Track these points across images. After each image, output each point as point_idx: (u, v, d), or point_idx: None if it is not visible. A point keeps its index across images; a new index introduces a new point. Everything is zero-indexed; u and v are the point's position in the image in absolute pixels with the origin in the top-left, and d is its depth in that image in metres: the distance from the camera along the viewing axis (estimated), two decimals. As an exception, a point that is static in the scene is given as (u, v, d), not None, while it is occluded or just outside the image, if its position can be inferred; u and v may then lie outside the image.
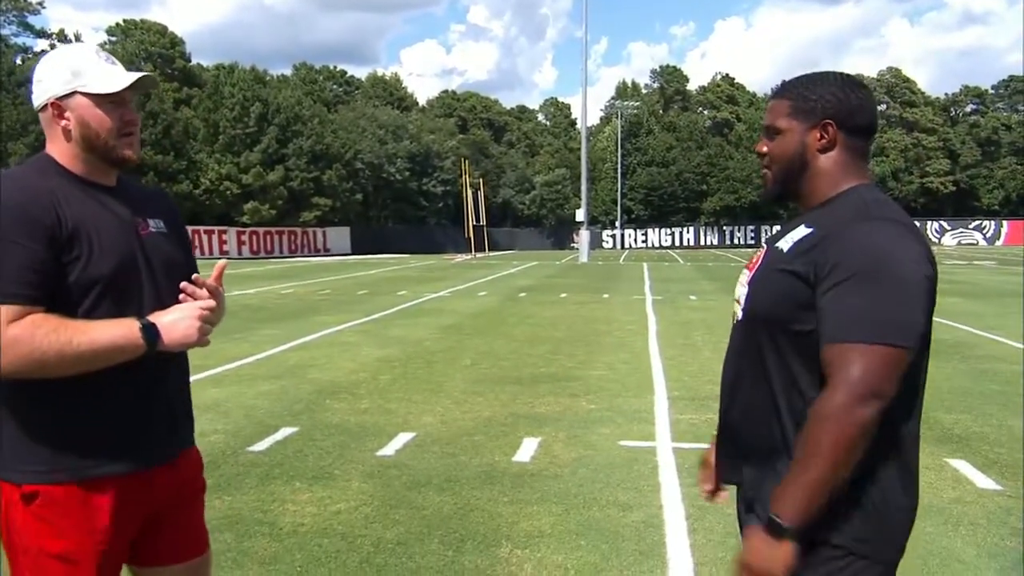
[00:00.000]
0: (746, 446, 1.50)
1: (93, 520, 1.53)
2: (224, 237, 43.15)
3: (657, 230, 58.62)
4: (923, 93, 67.36)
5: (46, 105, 1.56)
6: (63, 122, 1.55)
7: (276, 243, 44.64)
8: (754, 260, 1.56)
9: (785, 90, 1.51)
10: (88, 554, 1.53)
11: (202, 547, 1.81)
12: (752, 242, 56.92)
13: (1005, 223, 55.42)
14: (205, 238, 42.18)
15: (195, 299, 1.58)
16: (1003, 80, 67.75)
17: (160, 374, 1.62)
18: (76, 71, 1.55)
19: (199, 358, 8.21)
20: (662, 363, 7.55)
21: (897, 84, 66.57)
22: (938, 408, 5.57)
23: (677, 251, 50.45)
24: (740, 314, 1.53)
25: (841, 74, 1.50)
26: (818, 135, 1.46)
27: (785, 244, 1.45)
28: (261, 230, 44.06)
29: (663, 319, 11.23)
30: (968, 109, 67.36)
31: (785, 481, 1.32)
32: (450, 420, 5.34)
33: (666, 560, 3.15)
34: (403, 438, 4.86)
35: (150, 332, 1.46)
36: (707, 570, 3.05)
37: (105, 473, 1.54)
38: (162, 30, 57.73)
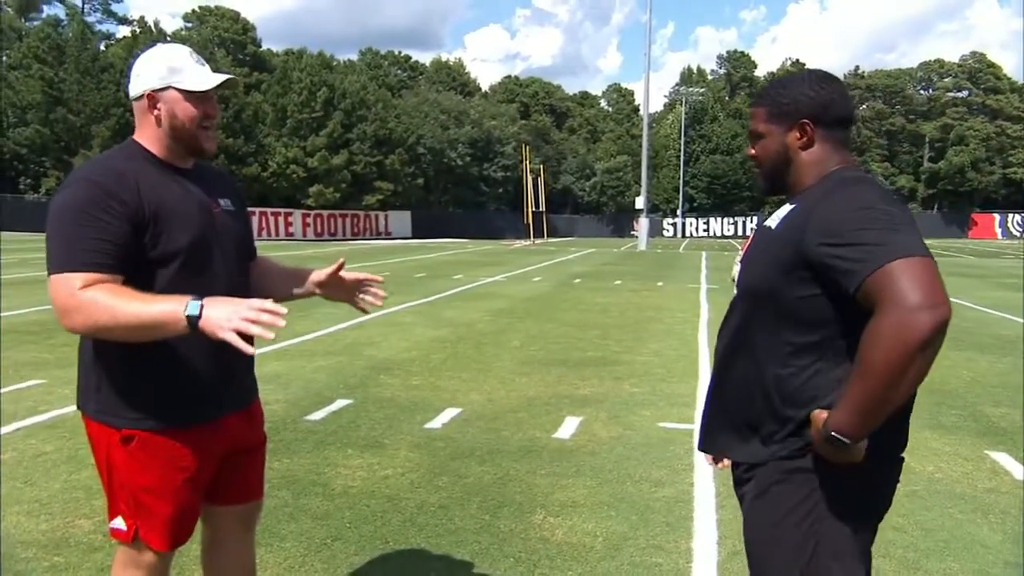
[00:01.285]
0: (734, 418, 1.62)
1: (177, 460, 1.78)
2: (290, 219, 44.38)
3: (720, 219, 57.65)
4: (1009, 79, 64.13)
5: (142, 95, 1.77)
6: (155, 112, 1.76)
7: (339, 226, 45.66)
8: (747, 243, 1.71)
9: (761, 97, 1.64)
10: (171, 489, 1.79)
11: (257, 493, 2.05)
12: (818, 232, 55.41)
13: (1093, 216, 52.57)
14: (272, 220, 43.48)
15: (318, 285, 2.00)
16: (1096, 65, 63.83)
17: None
18: (172, 68, 1.75)
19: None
20: (709, 351, 7.61)
21: (981, 69, 63.57)
22: (986, 402, 5.52)
23: (739, 241, 49.56)
24: (735, 291, 1.68)
25: (811, 72, 1.61)
26: (797, 135, 1.57)
27: (773, 222, 1.59)
28: (325, 213, 45.13)
29: (716, 308, 11.21)
30: (1057, 96, 63.85)
31: (843, 398, 1.37)
32: (496, 398, 5.56)
33: (692, 532, 3.30)
34: (450, 413, 5.10)
35: (194, 316, 1.55)
36: (731, 543, 3.18)
37: (188, 421, 1.79)
38: (235, 16, 59.48)
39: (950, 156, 58.95)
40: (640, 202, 34.63)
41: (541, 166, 49.19)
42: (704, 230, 57.29)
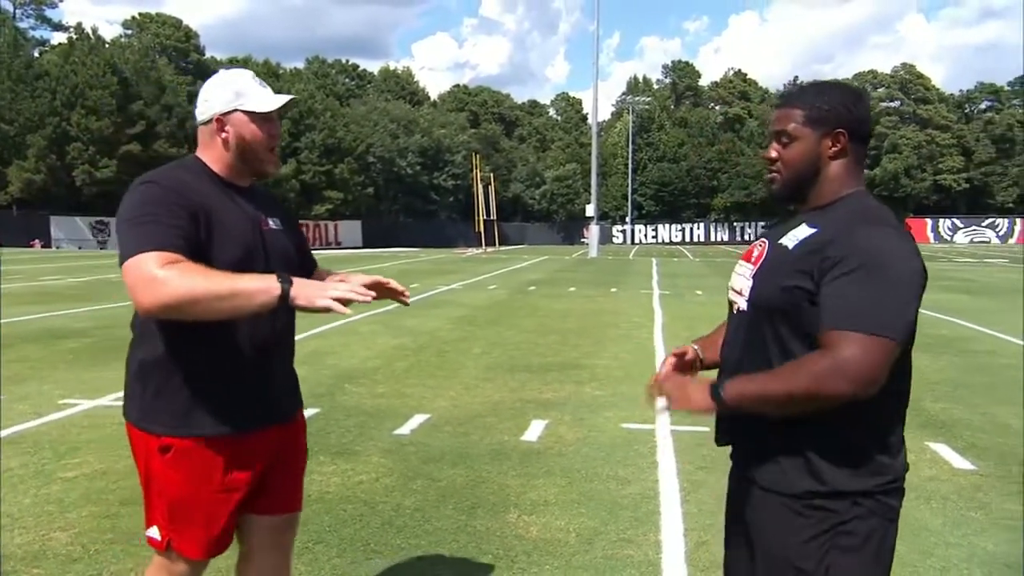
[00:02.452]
0: (746, 424, 1.59)
1: (214, 471, 1.80)
2: (238, 230, 43.63)
3: (668, 226, 58.80)
4: (938, 90, 67.06)
5: (211, 120, 1.83)
6: (223, 135, 1.83)
7: (289, 236, 45.06)
8: (755, 254, 1.65)
9: (796, 98, 1.60)
10: (207, 500, 1.80)
11: (294, 504, 2.03)
12: (762, 238, 56.95)
13: (1019, 221, 55.20)
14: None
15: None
16: (1019, 77, 67.28)
17: (279, 343, 1.91)
18: (238, 92, 1.82)
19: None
20: (666, 354, 7.83)
21: (911, 80, 66.26)
22: (925, 397, 5.85)
23: (687, 247, 50.60)
24: (744, 305, 1.63)
25: (847, 84, 1.62)
26: (830, 143, 1.55)
27: (790, 242, 1.56)
28: (274, 223, 44.47)
29: (669, 313, 11.51)
30: (983, 106, 67.07)
31: (752, 376, 1.49)
32: (462, 404, 5.66)
33: (659, 526, 3.46)
34: (418, 419, 5.18)
35: (286, 283, 1.60)
36: (696, 535, 3.35)
37: (228, 431, 1.80)
38: (177, 23, 58.35)
39: (884, 163, 61.24)
40: (590, 210, 35.10)
41: (492, 174, 49.44)
42: (653, 237, 58.32)
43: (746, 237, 57.21)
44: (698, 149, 59.43)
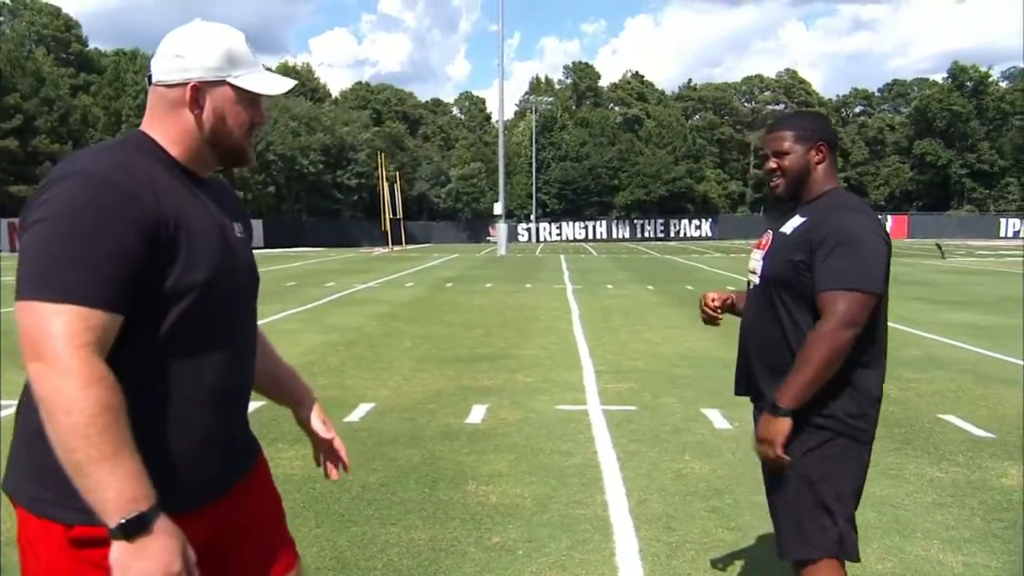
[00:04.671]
0: (760, 369, 2.10)
1: None
2: (130, 230, 41.66)
3: (571, 224, 60.13)
4: (818, 94, 71.62)
5: (183, 84, 1.32)
6: (197, 109, 1.34)
7: (186, 236, 43.31)
8: (764, 241, 2.17)
9: (785, 124, 2.12)
10: None
11: (289, 566, 1.55)
12: (662, 235, 59.21)
13: (889, 217, 59.64)
14: (109, 231, 40.63)
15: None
16: (887, 83, 72.89)
17: (244, 389, 1.47)
18: (232, 58, 1.35)
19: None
20: (586, 343, 8.33)
21: (794, 85, 70.49)
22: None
23: (591, 244, 52.00)
24: (757, 280, 2.13)
25: (815, 111, 2.27)
26: (815, 153, 2.07)
27: (788, 229, 2.07)
28: (170, 223, 42.64)
29: (584, 306, 12.06)
30: (857, 110, 72.10)
31: (787, 379, 1.92)
32: (404, 393, 5.92)
33: (604, 488, 3.86)
34: (364, 408, 5.41)
35: (146, 520, 1.13)
36: (637, 494, 3.77)
37: (176, 510, 1.21)
38: (55, 11, 54.94)
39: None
40: (498, 208, 35.59)
41: (397, 173, 49.19)
42: (557, 234, 59.49)
43: (646, 234, 59.30)
44: (599, 148, 61.08)
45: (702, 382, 6.27)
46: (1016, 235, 55.21)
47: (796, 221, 2.07)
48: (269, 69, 1.48)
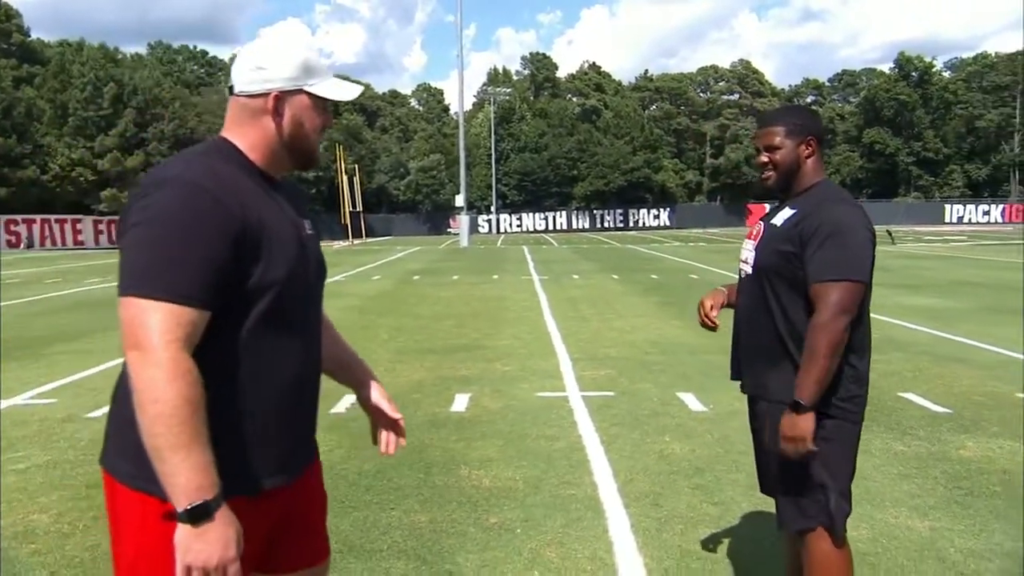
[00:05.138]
0: (754, 354, 2.21)
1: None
2: (79, 227, 40.71)
3: (531, 215, 60.36)
4: (771, 84, 72.90)
5: (265, 95, 1.44)
6: (278, 117, 1.45)
7: (139, 232, 42.21)
8: (755, 232, 2.27)
9: (775, 119, 2.22)
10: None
11: (322, 555, 1.67)
12: (621, 225, 59.81)
13: (840, 205, 61.16)
14: (57, 228, 39.64)
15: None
16: (837, 73, 74.62)
17: (316, 376, 1.57)
18: (308, 68, 1.46)
19: (118, 342, 8.42)
20: (559, 332, 8.50)
21: (748, 75, 71.62)
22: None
23: (551, 235, 52.29)
24: (749, 269, 2.23)
25: (804, 106, 2.36)
26: (805, 147, 2.17)
27: (778, 220, 2.17)
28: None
29: (552, 296, 12.24)
30: (808, 100, 73.47)
31: (800, 376, 2.00)
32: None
33: (591, 470, 4.03)
34: (349, 399, 5.47)
35: (210, 507, 1.25)
36: (624, 475, 3.94)
37: (249, 491, 1.39)
38: (-4, 1, 52.95)
39: (728, 153, 65.93)
40: (460, 200, 35.60)
41: (356, 166, 48.76)
42: (518, 226, 59.68)
43: (606, 224, 59.83)
44: (558, 139, 61.29)
45: (675, 367, 6.48)
46: (960, 220, 57.20)
47: (787, 213, 2.17)
48: (345, 78, 1.58)
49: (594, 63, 72.67)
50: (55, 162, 41.87)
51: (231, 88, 1.47)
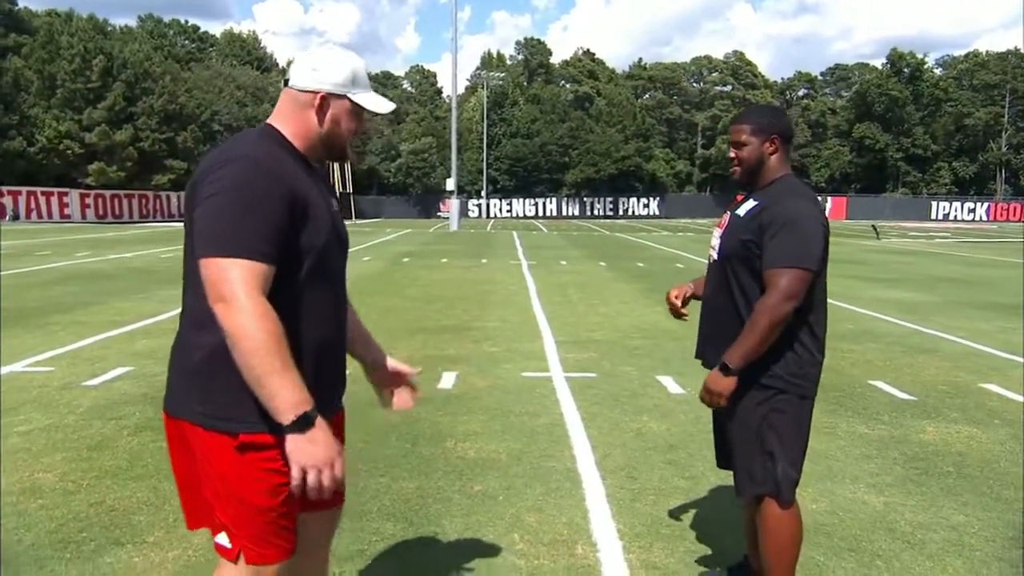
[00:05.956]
0: (717, 333, 2.41)
1: (286, 468, 1.60)
2: (65, 200, 40.33)
3: (522, 200, 60.44)
4: (763, 77, 73.02)
5: (315, 92, 1.70)
6: (322, 113, 1.71)
7: (125, 207, 42.07)
8: (722, 222, 2.48)
9: (745, 118, 2.40)
10: (282, 500, 1.64)
11: (339, 499, 1.91)
12: (611, 213, 60.01)
13: (829, 199, 61.57)
14: (43, 200, 39.27)
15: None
16: (830, 68, 74.86)
17: (342, 341, 1.85)
18: (354, 79, 1.73)
19: (113, 315, 8.47)
20: (545, 316, 8.70)
21: (741, 67, 71.71)
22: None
23: (541, 221, 52.44)
24: (715, 255, 2.45)
25: (775, 105, 2.55)
26: (769, 144, 2.36)
27: (742, 211, 2.37)
28: (108, 193, 41.34)
29: (540, 281, 12.44)
30: (800, 93, 73.83)
31: (735, 344, 2.24)
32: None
33: (571, 444, 4.23)
34: (339, 374, 5.66)
35: (310, 417, 1.53)
36: (602, 450, 4.15)
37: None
38: (-17, -31, 52.17)
39: (719, 144, 66.06)
40: (451, 183, 35.64)
41: (347, 146, 48.55)
42: (508, 211, 59.76)
43: (595, 212, 60.01)
44: (550, 126, 61.30)
45: (656, 352, 6.70)
46: (946, 217, 57.80)
47: (749, 204, 2.37)
48: (385, 95, 1.86)
49: (588, 50, 72.53)
50: (42, 134, 41.47)
51: (286, 81, 1.74)
